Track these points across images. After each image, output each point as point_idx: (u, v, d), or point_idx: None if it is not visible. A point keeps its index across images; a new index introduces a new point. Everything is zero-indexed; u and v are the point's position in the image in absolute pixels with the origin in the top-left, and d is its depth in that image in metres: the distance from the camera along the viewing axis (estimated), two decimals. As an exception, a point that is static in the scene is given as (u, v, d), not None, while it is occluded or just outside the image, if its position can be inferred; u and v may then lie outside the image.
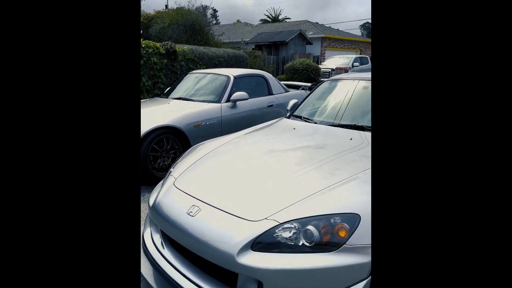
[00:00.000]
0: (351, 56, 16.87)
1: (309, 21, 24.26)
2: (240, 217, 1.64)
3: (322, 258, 1.46)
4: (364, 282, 1.46)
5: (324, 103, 3.13)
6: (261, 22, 34.17)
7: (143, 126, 3.49)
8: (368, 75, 3.06)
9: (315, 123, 2.86)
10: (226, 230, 1.61)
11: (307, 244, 1.50)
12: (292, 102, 3.41)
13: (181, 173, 2.18)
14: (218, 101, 4.31)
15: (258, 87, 4.93)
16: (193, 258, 1.72)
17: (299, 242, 1.51)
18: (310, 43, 20.61)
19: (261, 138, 2.67)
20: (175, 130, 3.71)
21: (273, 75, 6.17)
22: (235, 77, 4.59)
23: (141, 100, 4.85)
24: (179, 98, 4.58)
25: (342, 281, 1.46)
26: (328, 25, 27.02)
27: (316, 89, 3.36)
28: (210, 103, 4.27)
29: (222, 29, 29.78)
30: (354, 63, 15.83)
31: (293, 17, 24.97)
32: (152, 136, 3.53)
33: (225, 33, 24.74)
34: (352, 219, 1.52)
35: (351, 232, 1.49)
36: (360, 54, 25.03)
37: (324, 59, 19.84)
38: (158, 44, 6.66)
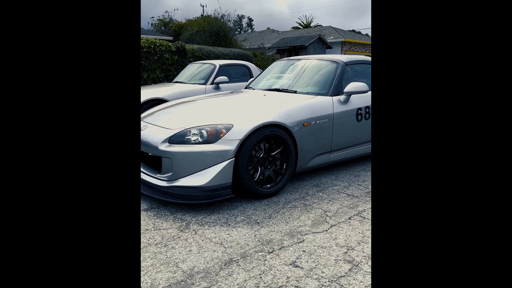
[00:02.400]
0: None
1: (332, 27, 25.04)
2: (167, 128, 2.73)
3: (207, 146, 2.51)
4: (229, 160, 2.49)
5: (269, 77, 4.14)
6: (292, 29, 35.18)
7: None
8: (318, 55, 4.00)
9: (253, 89, 3.91)
10: (157, 134, 2.70)
11: (200, 140, 2.55)
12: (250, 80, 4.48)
13: (151, 113, 3.31)
14: (204, 83, 5.47)
15: (242, 74, 6.06)
16: (143, 157, 2.83)
17: (197, 139, 2.56)
18: (330, 47, 21.37)
19: (213, 97, 3.74)
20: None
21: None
22: (220, 66, 5.74)
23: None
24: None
25: (216, 159, 2.49)
26: (357, 30, 27.41)
27: (269, 67, 4.38)
28: (198, 85, 5.44)
29: (250, 36, 31.15)
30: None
31: (329, 24, 25.63)
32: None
33: (248, 39, 26.01)
34: (229, 126, 2.56)
35: (226, 133, 2.53)
36: (383, 58, 25.37)
37: (343, 62, 20.53)
38: (170, 43, 7.99)
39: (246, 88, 4.17)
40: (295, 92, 3.47)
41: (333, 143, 3.27)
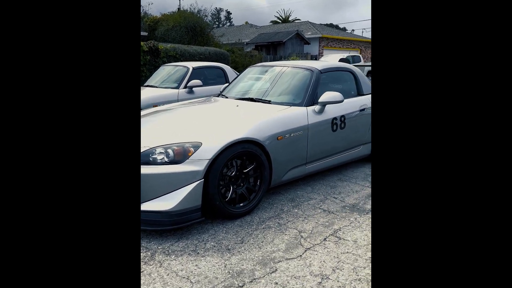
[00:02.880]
0: (345, 54, 17.56)
1: (310, 22, 25.03)
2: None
3: (174, 166, 2.34)
4: (198, 182, 2.34)
5: (242, 84, 3.99)
6: (271, 23, 35.00)
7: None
8: (293, 62, 3.88)
9: (226, 97, 3.75)
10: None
11: (166, 160, 2.38)
12: (223, 86, 4.31)
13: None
14: (177, 87, 5.25)
15: (217, 77, 5.86)
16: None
17: (163, 159, 2.38)
18: (308, 43, 21.37)
19: (182, 107, 3.56)
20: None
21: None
22: (193, 68, 5.52)
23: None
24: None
25: (184, 180, 2.33)
26: (334, 24, 27.54)
27: (243, 72, 4.23)
28: (169, 89, 5.21)
29: (228, 31, 30.75)
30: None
31: (307, 19, 25.68)
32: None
33: (226, 34, 25.65)
34: (197, 145, 2.40)
35: (194, 152, 2.37)
36: (360, 53, 25.60)
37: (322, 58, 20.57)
38: (142, 43, 7.68)
39: (219, 94, 4.01)
40: (269, 102, 3.33)
41: (309, 155, 3.18)
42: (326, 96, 3.18)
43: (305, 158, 3.16)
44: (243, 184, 2.69)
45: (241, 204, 2.67)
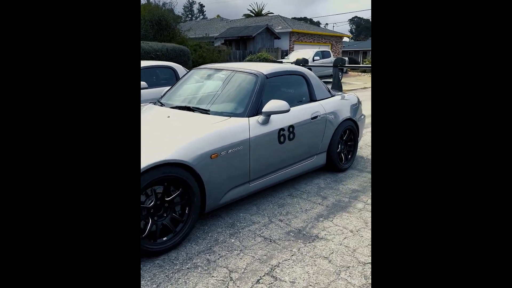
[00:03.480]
0: (314, 50, 17.34)
1: (281, 16, 24.68)
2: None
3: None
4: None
5: (181, 91, 3.55)
6: (244, 17, 34.38)
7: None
8: (241, 65, 3.47)
9: (162, 105, 3.30)
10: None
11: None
12: (165, 90, 3.84)
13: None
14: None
15: (168, 77, 5.36)
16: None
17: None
18: (278, 38, 21.03)
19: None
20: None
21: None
22: (141, 68, 5.01)
23: None
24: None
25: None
26: (309, 18, 27.35)
27: (185, 76, 3.79)
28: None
29: (198, 25, 29.92)
30: (315, 57, 16.28)
31: (280, 13, 25.29)
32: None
33: (195, 28, 24.84)
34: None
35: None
36: (331, 48, 25.56)
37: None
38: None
39: (157, 101, 3.55)
40: (208, 112, 2.92)
41: (252, 172, 2.81)
42: (270, 105, 2.82)
43: (248, 175, 2.78)
44: (166, 214, 2.29)
45: (163, 239, 2.26)
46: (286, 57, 18.13)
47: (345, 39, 33.31)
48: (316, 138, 3.43)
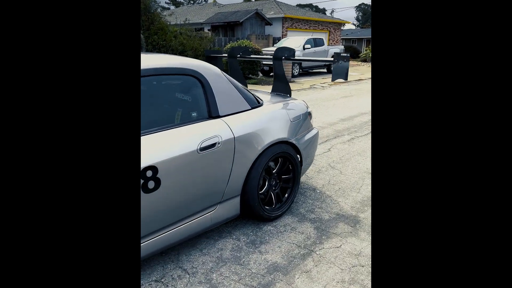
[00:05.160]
0: (307, 36, 15.79)
1: (275, 1, 22.99)
2: None
3: None
4: None
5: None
6: (242, 1, 32.61)
7: None
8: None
9: None
10: None
11: None
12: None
13: None
14: None
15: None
16: None
17: None
18: (270, 24, 19.46)
19: None
20: None
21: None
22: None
23: None
24: None
25: None
26: (310, 3, 25.67)
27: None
28: None
29: (189, 10, 28.36)
30: (305, 45, 14.77)
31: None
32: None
33: (183, 14, 23.24)
34: None
35: None
36: (329, 35, 23.91)
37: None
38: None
39: None
40: None
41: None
42: None
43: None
44: None
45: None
46: (275, 45, 16.63)
47: (347, 26, 31.44)
48: (214, 179, 2.11)
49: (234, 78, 3.80)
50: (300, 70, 14.76)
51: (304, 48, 14.64)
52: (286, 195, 2.69)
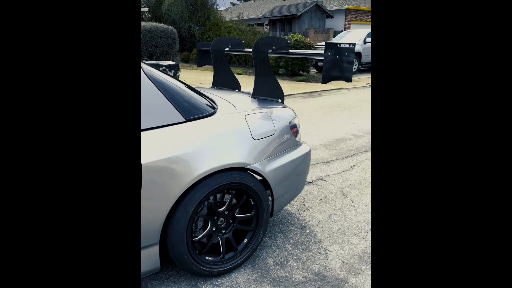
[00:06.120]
0: (368, 30, 14.28)
1: (340, -8, 21.47)
2: None
3: None
4: None
5: None
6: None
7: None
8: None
9: None
10: None
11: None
12: None
13: None
14: None
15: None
16: None
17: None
18: (331, 17, 18.16)
19: None
20: None
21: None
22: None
23: None
24: None
25: None
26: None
27: None
28: None
29: (251, 5, 28.15)
30: (366, 39, 13.34)
31: None
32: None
33: (245, 10, 22.93)
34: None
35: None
36: (400, 28, 21.63)
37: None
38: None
39: None
40: None
41: None
42: None
43: None
44: None
45: None
46: (332, 39, 15.38)
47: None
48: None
49: (221, 75, 3.11)
50: (360, 66, 13.42)
51: (365, 42, 13.24)
52: (246, 241, 1.95)
